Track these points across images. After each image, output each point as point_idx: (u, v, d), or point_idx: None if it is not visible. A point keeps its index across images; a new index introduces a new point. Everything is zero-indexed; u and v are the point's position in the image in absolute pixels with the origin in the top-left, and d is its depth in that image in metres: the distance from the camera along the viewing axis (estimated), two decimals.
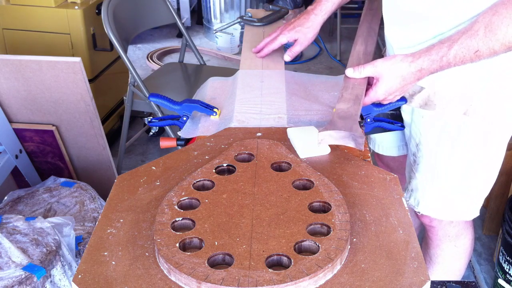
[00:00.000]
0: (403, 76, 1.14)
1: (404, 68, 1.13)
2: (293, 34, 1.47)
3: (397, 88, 1.17)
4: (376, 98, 1.19)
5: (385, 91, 1.17)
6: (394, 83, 1.16)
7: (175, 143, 1.29)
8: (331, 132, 1.06)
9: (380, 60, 1.17)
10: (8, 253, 1.46)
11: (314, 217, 0.89)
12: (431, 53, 1.10)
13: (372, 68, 1.18)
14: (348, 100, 1.15)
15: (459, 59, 1.09)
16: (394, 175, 1.04)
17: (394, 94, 1.19)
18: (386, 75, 1.15)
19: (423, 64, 1.12)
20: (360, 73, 1.20)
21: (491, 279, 2.03)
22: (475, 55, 1.07)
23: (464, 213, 1.38)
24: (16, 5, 2.46)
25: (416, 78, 1.14)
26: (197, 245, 0.85)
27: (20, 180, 2.07)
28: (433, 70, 1.12)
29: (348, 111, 1.12)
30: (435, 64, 1.11)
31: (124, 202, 0.97)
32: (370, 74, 1.19)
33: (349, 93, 1.17)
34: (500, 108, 1.21)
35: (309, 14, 1.46)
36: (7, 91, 1.85)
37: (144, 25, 2.48)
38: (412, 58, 1.13)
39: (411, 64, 1.13)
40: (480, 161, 1.29)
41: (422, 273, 0.80)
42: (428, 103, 1.26)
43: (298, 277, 0.77)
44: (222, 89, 1.45)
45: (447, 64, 1.10)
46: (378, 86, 1.17)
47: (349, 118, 1.10)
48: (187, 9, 4.55)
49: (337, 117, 1.11)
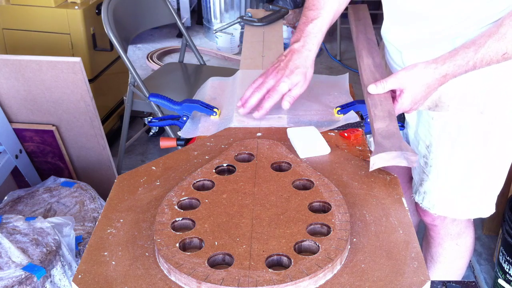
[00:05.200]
0: (428, 83, 1.13)
1: (429, 75, 1.12)
2: (294, 77, 1.23)
3: (422, 96, 1.15)
4: (403, 109, 1.17)
5: (411, 101, 1.15)
6: (419, 92, 1.14)
7: (175, 143, 1.29)
8: (382, 155, 1.02)
9: (402, 71, 1.15)
10: (8, 253, 1.46)
11: (314, 217, 0.89)
12: (456, 58, 1.10)
13: (395, 80, 1.15)
14: (383, 118, 1.11)
15: (486, 62, 1.09)
16: (394, 175, 1.04)
17: (419, 102, 1.17)
18: (411, 85, 1.13)
19: (448, 70, 1.11)
20: (384, 88, 1.16)
21: (491, 279, 2.03)
22: (502, 57, 1.07)
23: (480, 210, 1.37)
24: (16, 5, 2.46)
25: (440, 83, 1.13)
26: (197, 245, 0.85)
27: (20, 180, 2.07)
28: (457, 75, 1.12)
29: (389, 129, 1.08)
30: (461, 69, 1.10)
31: (124, 202, 0.97)
32: (394, 87, 1.16)
33: (380, 110, 1.13)
34: (500, 105, 1.21)
35: (301, 52, 1.25)
36: (7, 91, 1.85)
37: (144, 25, 2.48)
38: (436, 65, 1.11)
39: (435, 70, 1.11)
40: (493, 161, 1.29)
41: (422, 273, 0.80)
42: (439, 105, 1.24)
43: (298, 277, 0.77)
44: (222, 89, 1.45)
45: (472, 67, 1.10)
46: (403, 97, 1.15)
47: (393, 137, 1.06)
48: (187, 9, 4.55)
49: (381, 137, 1.06)
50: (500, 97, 1.20)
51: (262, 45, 1.73)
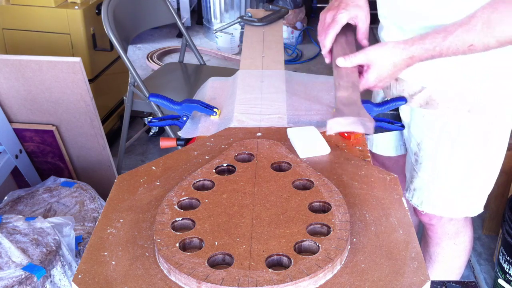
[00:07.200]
0: (395, 62, 1.15)
1: (397, 54, 1.14)
2: (351, 10, 1.23)
3: (388, 75, 1.17)
4: (368, 85, 1.19)
5: (376, 78, 1.18)
6: (385, 70, 1.16)
7: (175, 143, 1.29)
8: (340, 119, 1.06)
9: (371, 47, 1.17)
10: (8, 253, 1.46)
11: (314, 217, 0.89)
12: (425, 42, 1.11)
13: (363, 55, 1.18)
14: (346, 88, 1.15)
15: (452, 51, 1.09)
16: (394, 175, 1.04)
17: (385, 80, 1.19)
18: (378, 62, 1.16)
19: (415, 52, 1.12)
20: (352, 62, 1.19)
21: (491, 279, 2.03)
22: (469, 48, 1.08)
23: (468, 210, 1.38)
24: (16, 5, 2.46)
25: (406, 65, 1.15)
26: (197, 245, 0.85)
27: (20, 180, 2.07)
28: (423, 59, 1.13)
29: (350, 97, 1.12)
30: (427, 53, 1.12)
31: (124, 202, 0.97)
32: (362, 62, 1.18)
33: (345, 81, 1.17)
34: (503, 104, 1.22)
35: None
36: (7, 91, 1.85)
37: (144, 25, 2.48)
38: (405, 45, 1.13)
39: (403, 51, 1.13)
40: (481, 160, 1.30)
41: (422, 273, 0.80)
42: (430, 102, 1.26)
43: (298, 277, 0.77)
44: (222, 89, 1.45)
45: (439, 54, 1.11)
46: (369, 73, 1.17)
47: (353, 104, 1.10)
48: (187, 9, 4.55)
49: (341, 104, 1.10)
50: (491, 97, 1.21)
51: (262, 45, 1.73)
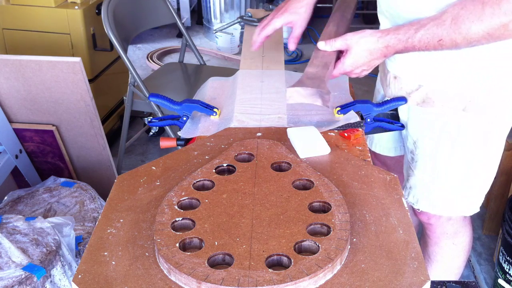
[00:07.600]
0: (370, 50, 1.16)
1: (372, 42, 1.16)
2: (287, 16, 1.37)
3: (364, 62, 1.19)
4: (344, 69, 1.21)
5: (352, 63, 1.19)
6: (361, 56, 1.18)
7: (175, 143, 1.29)
8: (299, 89, 1.09)
9: (351, 33, 1.20)
10: (8, 253, 1.46)
11: (314, 217, 0.89)
12: (399, 32, 1.13)
13: (342, 41, 1.20)
14: (317, 66, 1.18)
15: (423, 44, 1.11)
16: (394, 175, 1.04)
17: (361, 68, 1.21)
18: (354, 47, 1.18)
19: (390, 42, 1.14)
20: (331, 46, 1.22)
21: (491, 279, 2.03)
22: (438, 43, 1.09)
23: (465, 209, 1.38)
24: (16, 5, 2.46)
25: (382, 54, 1.17)
26: (197, 245, 0.85)
27: (20, 180, 2.07)
28: (398, 50, 1.15)
29: (317, 73, 1.15)
30: (401, 44, 1.13)
31: (124, 202, 0.97)
32: (341, 47, 1.21)
33: (319, 60, 1.20)
34: (499, 104, 1.22)
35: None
36: (7, 91, 1.85)
37: (144, 25, 2.48)
38: (381, 34, 1.15)
39: (379, 39, 1.15)
40: (480, 160, 1.30)
41: (422, 273, 0.80)
42: (426, 100, 1.26)
43: (298, 277, 0.77)
44: (222, 89, 1.45)
45: (411, 46, 1.12)
46: (346, 57, 1.20)
47: (317, 79, 1.13)
48: (187, 9, 4.55)
49: (305, 77, 1.14)
50: (487, 96, 1.21)
51: (262, 45, 1.73)
